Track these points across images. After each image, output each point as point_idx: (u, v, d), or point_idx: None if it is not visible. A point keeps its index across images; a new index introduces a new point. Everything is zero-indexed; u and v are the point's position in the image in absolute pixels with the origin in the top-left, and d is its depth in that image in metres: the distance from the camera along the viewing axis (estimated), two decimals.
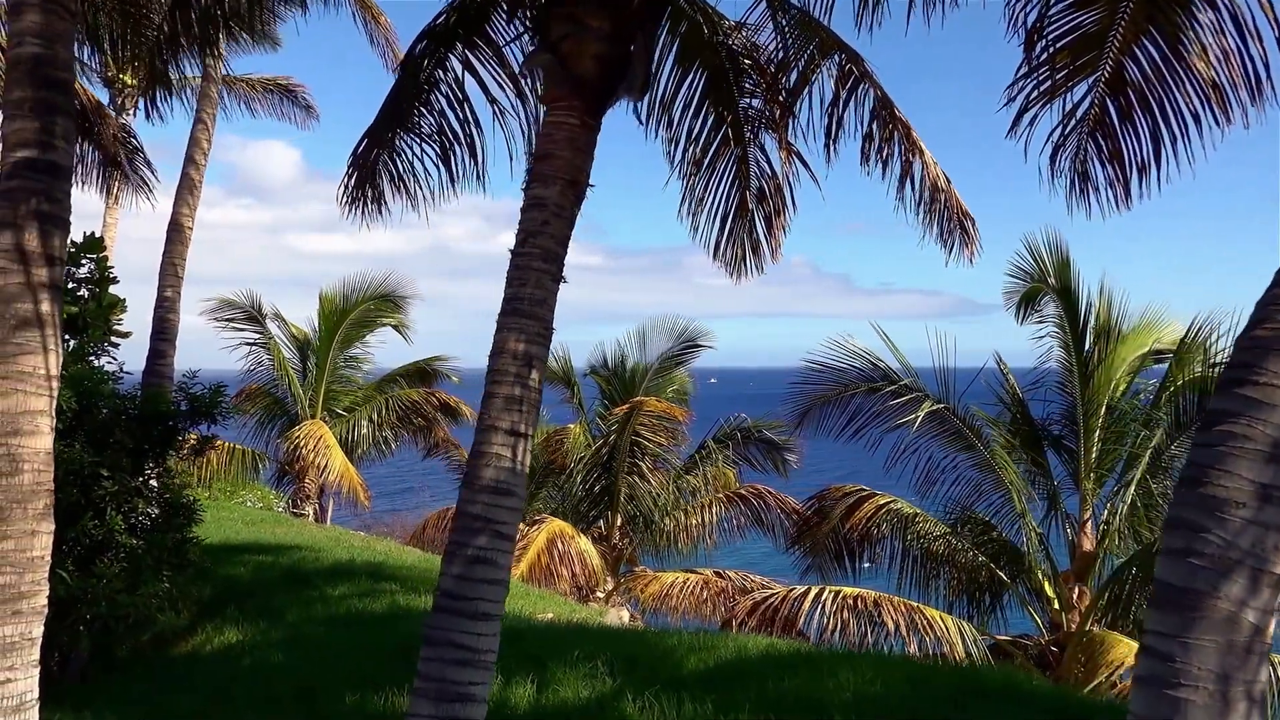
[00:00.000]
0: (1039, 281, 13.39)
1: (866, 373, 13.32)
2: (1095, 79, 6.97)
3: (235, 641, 8.60)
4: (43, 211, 4.93)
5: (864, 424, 13.45)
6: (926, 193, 8.17)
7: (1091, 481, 12.64)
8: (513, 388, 4.92)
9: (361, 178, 7.62)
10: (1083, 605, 12.31)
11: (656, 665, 6.90)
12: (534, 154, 5.37)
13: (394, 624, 8.84)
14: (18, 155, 4.91)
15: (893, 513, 13.61)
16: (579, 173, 5.31)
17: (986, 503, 13.24)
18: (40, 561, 4.84)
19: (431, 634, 4.72)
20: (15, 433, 4.76)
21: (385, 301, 20.33)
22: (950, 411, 12.96)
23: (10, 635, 4.69)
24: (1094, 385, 12.74)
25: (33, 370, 4.83)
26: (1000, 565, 13.16)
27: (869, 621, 11.82)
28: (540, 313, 5.06)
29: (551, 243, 5.16)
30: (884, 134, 7.99)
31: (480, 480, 4.84)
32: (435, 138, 7.67)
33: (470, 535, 4.74)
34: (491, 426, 4.88)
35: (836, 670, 6.66)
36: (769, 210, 8.97)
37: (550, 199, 5.18)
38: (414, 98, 7.48)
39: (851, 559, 14.30)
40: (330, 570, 11.28)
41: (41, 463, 4.87)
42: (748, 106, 8.49)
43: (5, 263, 4.85)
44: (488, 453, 4.84)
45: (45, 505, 4.88)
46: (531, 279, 5.07)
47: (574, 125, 5.30)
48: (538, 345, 5.01)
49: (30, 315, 4.84)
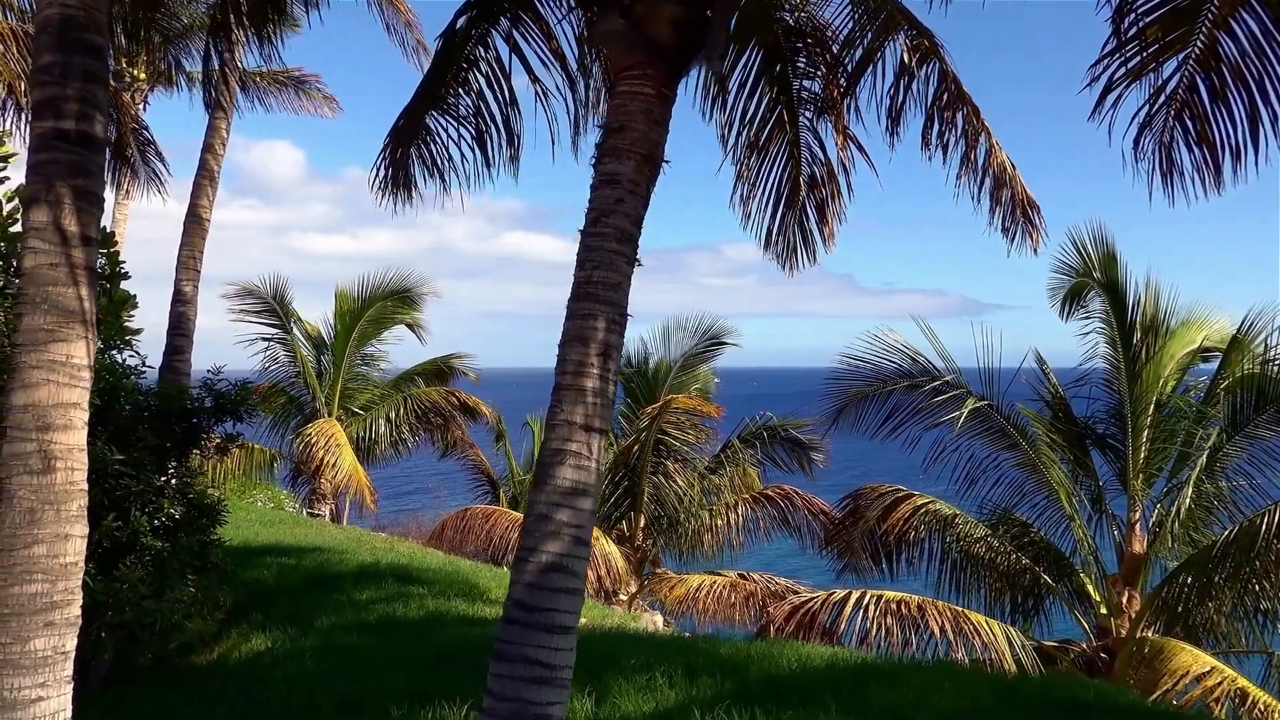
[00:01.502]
0: (1084, 276, 12.97)
1: (906, 368, 12.91)
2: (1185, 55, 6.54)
3: (263, 649, 8.20)
4: (76, 187, 4.52)
5: (902, 421, 13.04)
6: (990, 179, 7.79)
7: (1140, 481, 12.21)
8: (587, 379, 4.51)
9: (395, 160, 7.24)
10: (1132, 610, 11.89)
11: (717, 676, 6.49)
12: (605, 127, 4.96)
13: (429, 631, 8.45)
14: (48, 125, 4.50)
15: (931, 513, 13.19)
16: (655, 147, 4.91)
17: (1029, 504, 12.84)
18: (74, 568, 4.44)
19: (504, 648, 4.31)
20: (47, 427, 4.36)
21: (402, 299, 19.93)
22: (994, 409, 12.54)
23: (42, 649, 4.29)
24: (1143, 383, 12.31)
25: (65, 359, 4.43)
26: (1043, 568, 12.75)
27: (913, 627, 11.41)
28: (615, 298, 4.65)
29: (626, 222, 4.75)
30: (948, 116, 7.60)
31: (553, 480, 4.43)
32: (471, 119, 7.29)
33: (544, 541, 4.33)
34: (565, 422, 4.47)
35: (909, 681, 6.25)
36: (820, 198, 8.59)
37: (625, 175, 4.77)
38: (452, 75, 7.10)
39: (888, 561, 13.88)
40: (356, 573, 10.88)
41: (75, 460, 4.47)
42: (802, 88, 8.11)
43: (36, 242, 4.45)
44: (561, 450, 4.43)
45: (79, 507, 4.48)
46: (604, 261, 4.67)
47: (649, 95, 4.89)
48: (613, 333, 4.61)
49: (63, 299, 4.43)
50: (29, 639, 4.25)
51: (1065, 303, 13.44)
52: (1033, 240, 7.97)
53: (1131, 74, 6.51)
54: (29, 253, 4.47)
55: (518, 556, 4.44)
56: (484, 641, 7.95)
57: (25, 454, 4.32)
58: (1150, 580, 12.26)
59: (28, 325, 4.40)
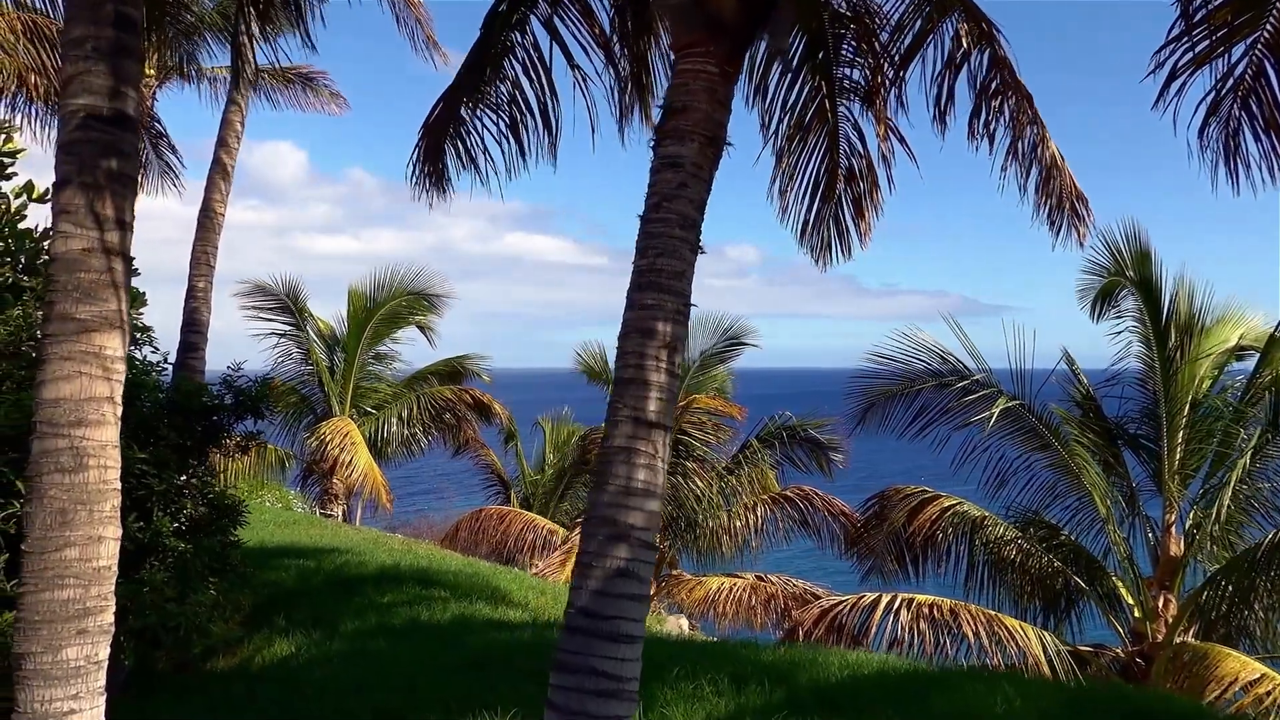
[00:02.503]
0: (1117, 275, 12.70)
1: (935, 367, 12.63)
2: (1254, 39, 6.28)
3: (288, 654, 7.94)
4: (109, 168, 4.27)
5: (930, 421, 12.77)
6: (1039, 170, 7.55)
7: (1176, 483, 11.93)
8: (651, 373, 4.25)
9: (429, 153, 7.01)
10: (1169, 614, 11.61)
11: (765, 684, 6.23)
12: (666, 107, 4.70)
13: (458, 636, 8.19)
14: (80, 102, 4.25)
15: (959, 515, 12.91)
16: (718, 128, 4.66)
17: (1062, 505, 12.56)
18: (107, 572, 4.18)
19: (567, 659, 4.04)
20: (79, 423, 4.10)
21: (417, 299, 19.66)
22: (1026, 409, 12.27)
23: (74, 658, 4.03)
24: (1179, 382, 12.04)
25: (98, 350, 4.18)
26: (1074, 571, 12.48)
27: (946, 631, 11.13)
28: (678, 286, 4.40)
29: (689, 207, 4.50)
30: (996, 104, 7.36)
31: (617, 481, 4.17)
32: (505, 107, 7.04)
33: (608, 545, 4.07)
34: (629, 418, 4.21)
35: (967, 689, 5.99)
36: (858, 192, 8.34)
37: (687, 158, 4.52)
38: (489, 63, 6.85)
39: (914, 563, 13.60)
40: (376, 576, 10.63)
41: (108, 458, 4.21)
42: (843, 77, 7.86)
43: (68, 225, 4.19)
44: (626, 449, 4.17)
45: (112, 507, 4.22)
46: (668, 248, 4.41)
47: (712, 74, 4.64)
48: (678, 324, 4.35)
49: (96, 286, 4.18)
50: (61, 648, 3.99)
51: (1096, 303, 13.18)
52: (1079, 234, 7.74)
53: (1198, 60, 6.25)
54: (60, 237, 4.21)
55: (579, 561, 4.18)
56: (516, 647, 7.70)
57: (56, 451, 4.06)
58: (1185, 584, 11.99)
59: (58, 314, 4.15)
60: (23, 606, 4.03)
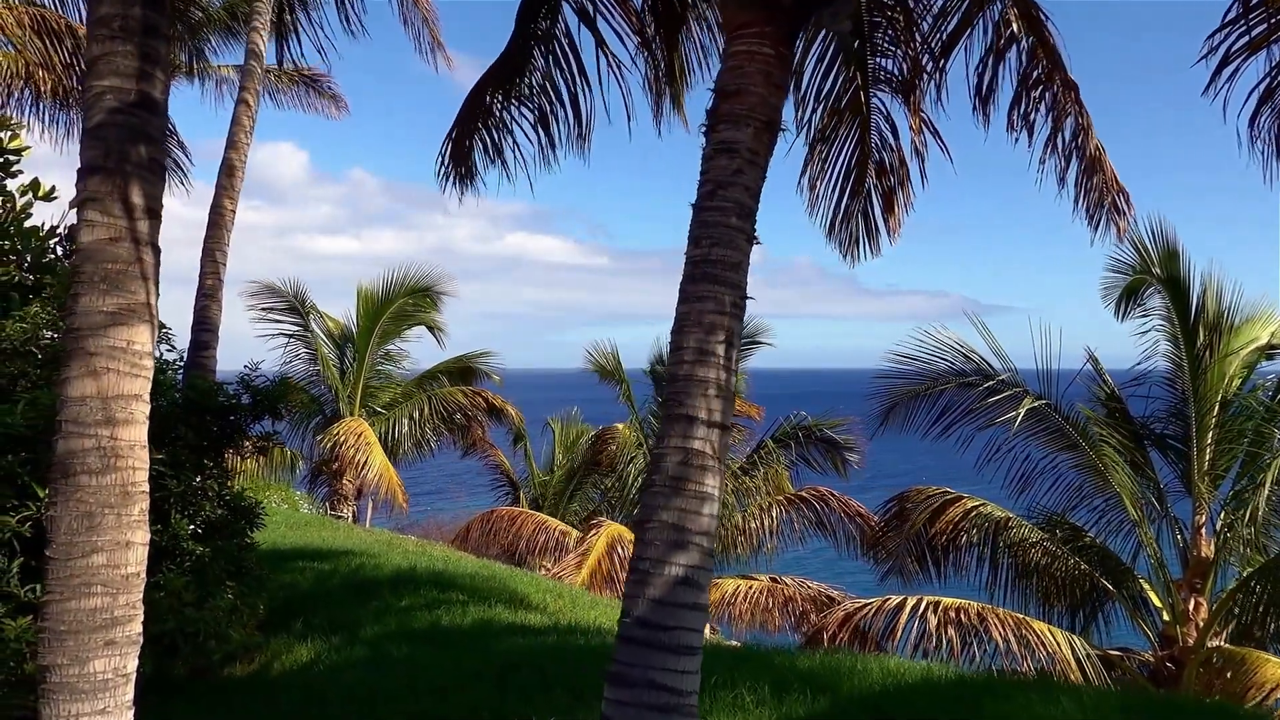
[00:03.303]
0: (1142, 273, 12.47)
1: (959, 367, 12.42)
2: None
3: (308, 660, 7.72)
4: (138, 154, 4.05)
5: (953, 421, 12.56)
6: (1080, 162, 7.35)
7: (1206, 484, 11.71)
8: (709, 369, 4.03)
9: (458, 149, 6.81)
10: (1199, 618, 11.39)
11: (808, 693, 6.01)
12: (718, 90, 4.48)
13: (484, 641, 7.97)
14: (106, 84, 4.03)
15: (983, 516, 12.70)
16: (774, 112, 4.44)
17: (1089, 507, 12.35)
18: (135, 580, 3.96)
19: (624, 672, 3.82)
20: (108, 421, 3.88)
21: (422, 297, 19.45)
22: (1052, 408, 12.06)
23: (102, 671, 3.81)
24: (1208, 381, 11.82)
25: (126, 345, 3.96)
26: (1100, 573, 12.26)
27: (974, 636, 10.92)
28: (735, 278, 4.18)
29: (745, 195, 4.28)
30: (1037, 94, 7.15)
31: (675, 484, 3.94)
32: (534, 98, 6.83)
33: (668, 551, 3.84)
34: (685, 416, 3.98)
35: (1017, 698, 5.76)
36: (888, 186, 8.13)
37: (743, 143, 4.30)
38: (520, 52, 6.65)
39: (936, 565, 13.37)
40: (393, 579, 10.41)
41: (137, 459, 3.99)
42: (878, 67, 7.65)
43: (94, 214, 3.97)
44: (684, 449, 3.95)
45: (141, 510, 4.00)
46: (723, 237, 4.19)
47: (767, 56, 4.42)
48: (735, 317, 4.13)
49: (124, 278, 3.96)
50: (88, 660, 3.77)
51: (1121, 301, 12.94)
52: (1119, 228, 7.53)
53: (1253, 44, 6.04)
54: (86, 226, 3.99)
55: (635, 569, 3.95)
56: (543, 653, 7.48)
57: (83, 451, 3.84)
58: (1215, 586, 11.77)
59: (85, 307, 3.93)
60: (47, 616, 3.81)
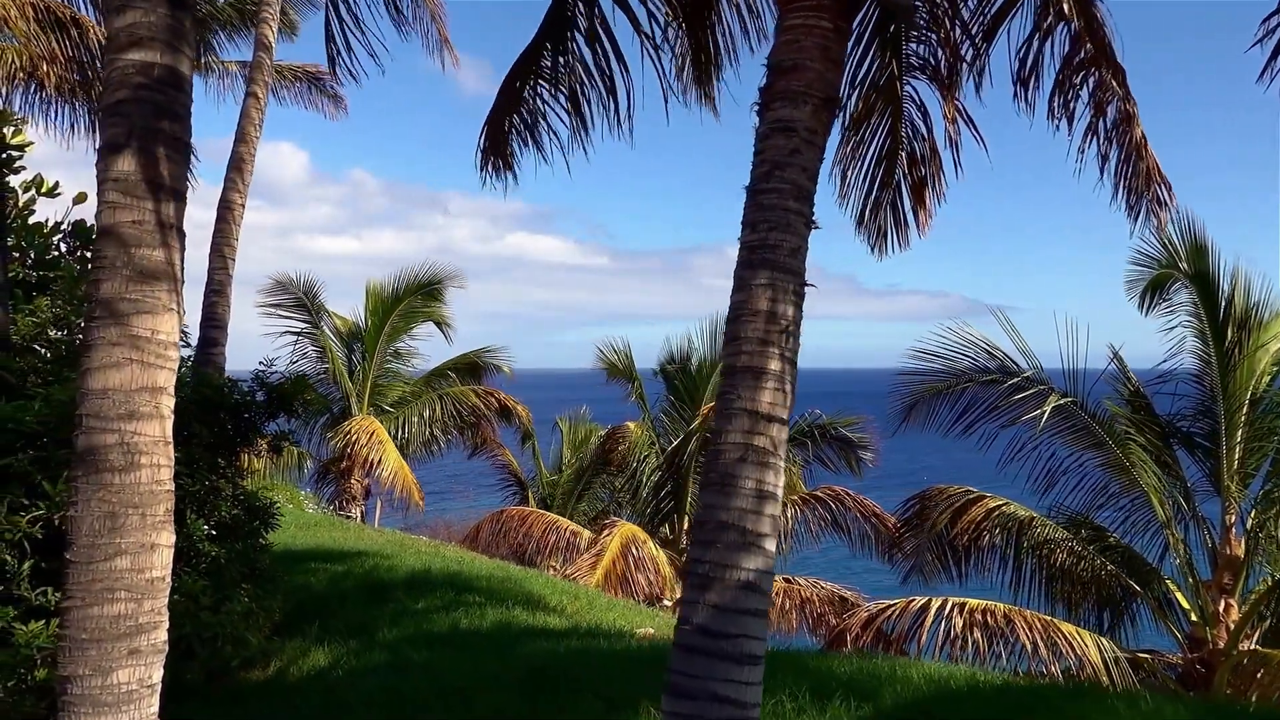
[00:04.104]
0: (1169, 267, 12.23)
1: (982, 364, 12.19)
2: None
3: (326, 665, 7.49)
4: (162, 131, 3.82)
5: (977, 418, 12.34)
6: (1121, 150, 7.12)
7: (1236, 483, 11.48)
8: (769, 360, 3.79)
9: (494, 137, 6.60)
10: (1230, 619, 11.15)
11: (850, 700, 5.78)
12: (773, 65, 4.25)
13: (504, 645, 7.74)
14: (130, 58, 3.79)
15: (1006, 516, 12.47)
16: (832, 89, 4.21)
17: (1115, 506, 12.12)
18: (160, 584, 3.73)
19: (684, 683, 3.59)
20: (131, 416, 3.64)
21: (430, 293, 19.21)
22: (1078, 406, 11.83)
23: (126, 682, 3.57)
24: (1237, 378, 11.58)
25: (151, 335, 3.72)
26: (1127, 574, 12.04)
27: (1001, 638, 10.68)
28: (794, 264, 3.94)
29: (803, 176, 4.04)
30: (1079, 80, 6.92)
31: (737, 482, 3.71)
32: (565, 78, 6.60)
33: (731, 555, 3.61)
34: (745, 411, 3.75)
35: (1069, 710, 5.53)
36: (919, 177, 7.90)
37: (801, 122, 4.06)
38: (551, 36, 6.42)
39: (957, 565, 13.14)
40: (407, 580, 10.18)
41: (161, 456, 3.76)
42: (912, 53, 7.42)
43: (116, 195, 3.73)
44: (745, 445, 3.72)
45: (166, 510, 3.78)
46: (781, 221, 3.96)
47: (826, 29, 4.19)
48: (795, 306, 3.89)
49: (149, 263, 3.73)
50: (111, 670, 3.55)
51: (1146, 295, 12.70)
52: (1160, 220, 7.30)
53: None
54: (107, 208, 3.76)
55: (694, 573, 3.72)
56: (567, 657, 7.25)
57: (105, 448, 3.61)
58: (1245, 587, 11.54)
59: (106, 294, 3.69)
60: (67, 623, 3.58)
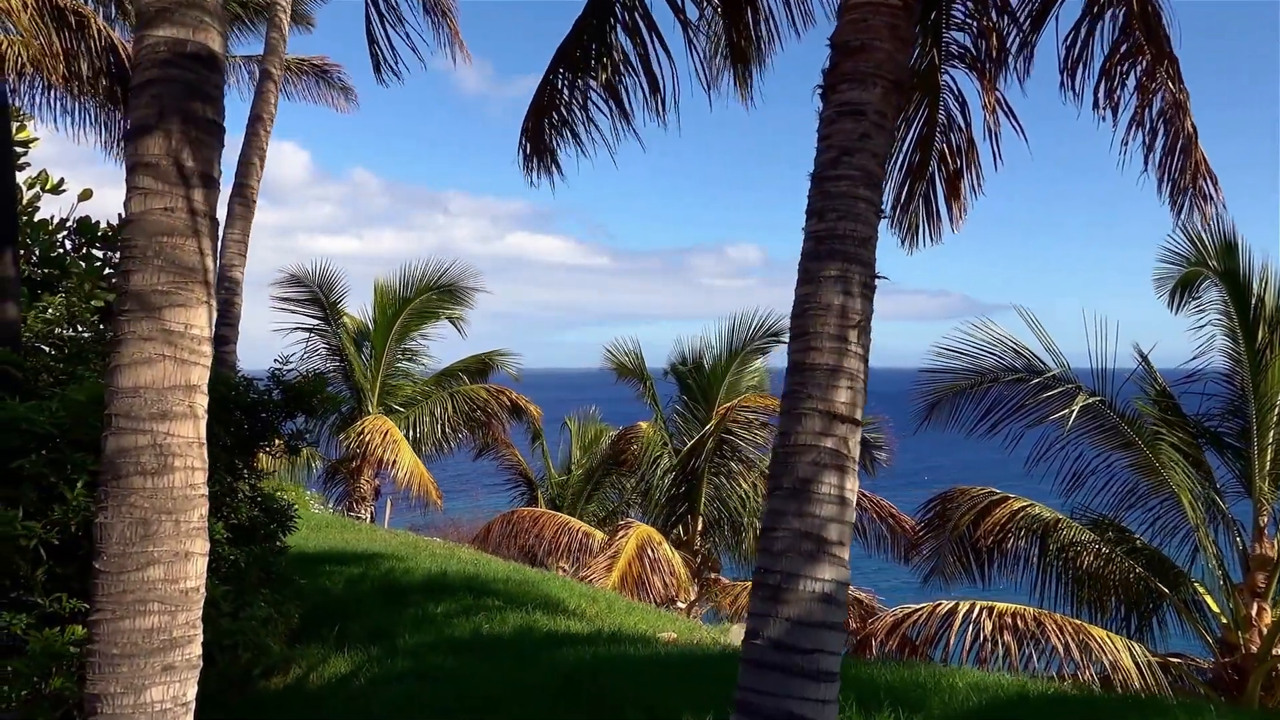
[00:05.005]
0: (1198, 265, 12.01)
1: (1008, 362, 11.96)
2: None
3: (347, 672, 7.26)
4: (195, 113, 3.59)
5: (1002, 417, 12.11)
6: (1166, 140, 6.91)
7: (1267, 484, 11.25)
8: (842, 357, 3.57)
9: (534, 132, 6.40)
10: (1263, 624, 10.93)
11: (898, 711, 5.56)
12: (839, 45, 4.02)
13: (529, 651, 7.53)
14: (159, 34, 3.56)
15: (1031, 518, 12.25)
16: (902, 70, 3.99)
17: (1144, 507, 11.89)
18: (195, 595, 3.51)
19: (756, 701, 3.36)
20: (163, 416, 3.42)
21: (447, 293, 18.97)
22: (1106, 405, 11.60)
23: (159, 700, 3.35)
24: (1270, 377, 11.35)
25: (184, 329, 3.50)
26: (1155, 577, 11.81)
27: (1032, 643, 10.45)
28: (865, 255, 3.72)
29: (873, 162, 3.82)
30: (1124, 68, 6.72)
31: (810, 487, 3.49)
32: (601, 70, 6.39)
33: (806, 564, 3.38)
34: (817, 411, 3.52)
35: (1130, 716, 5.31)
36: (953, 169, 7.69)
37: (870, 104, 3.84)
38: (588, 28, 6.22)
39: (980, 568, 12.92)
40: (424, 584, 9.96)
41: (195, 458, 3.54)
42: (952, 40, 7.21)
43: (147, 181, 3.50)
44: (816, 448, 3.49)
45: (200, 516, 3.55)
46: (850, 209, 3.73)
47: (895, 7, 3.96)
48: (865, 299, 3.66)
49: (182, 253, 3.50)
50: (144, 687, 3.32)
51: (1175, 293, 12.48)
52: (1204, 214, 7.10)
53: None
54: (137, 195, 3.53)
55: (765, 583, 3.49)
56: (597, 664, 7.03)
57: (136, 449, 3.39)
58: (1276, 590, 11.31)
59: (137, 286, 3.47)
60: (97, 637, 3.35)
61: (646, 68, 6.25)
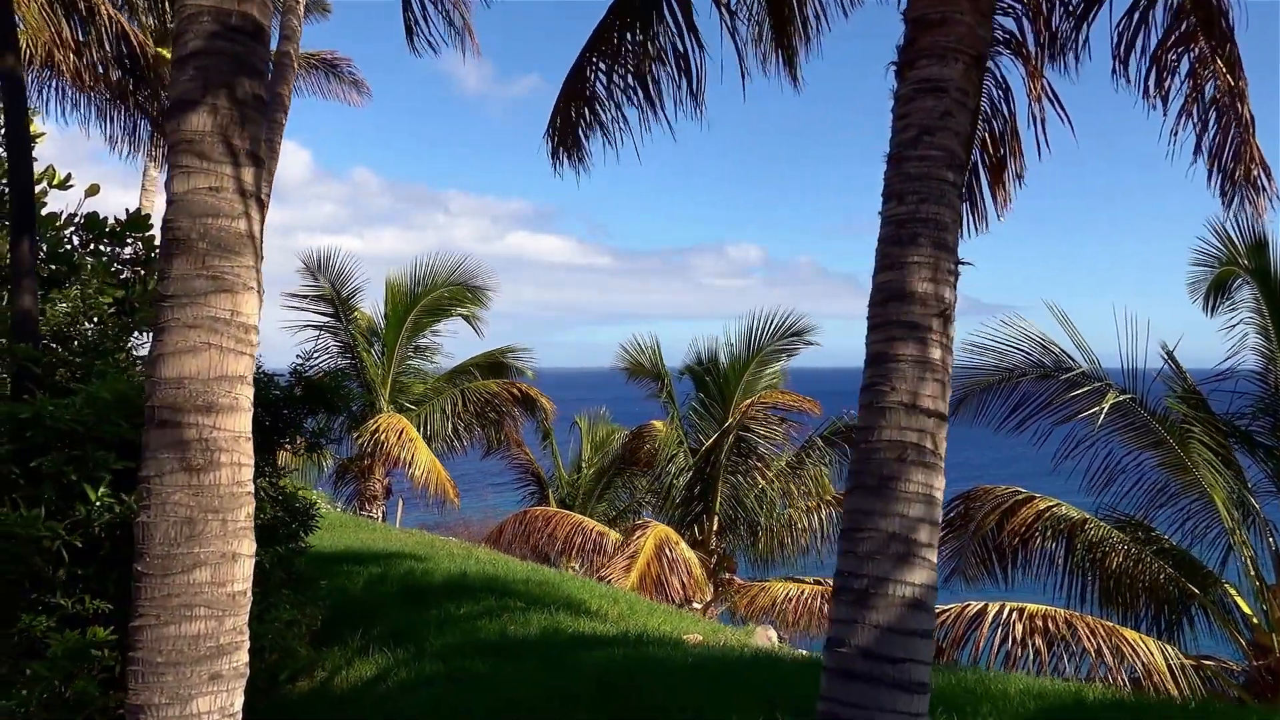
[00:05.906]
0: (1230, 264, 11.84)
1: (1036, 358, 11.76)
2: None
3: (374, 675, 7.07)
4: (241, 89, 3.38)
5: (1030, 414, 11.90)
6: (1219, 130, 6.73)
7: None
8: (927, 347, 3.36)
9: (564, 122, 6.21)
10: None
11: (950, 714, 5.35)
12: (915, 19, 3.81)
13: (557, 653, 7.32)
14: (206, 4, 3.35)
15: (1057, 518, 12.04)
16: (984, 46, 3.78)
17: (1174, 507, 11.68)
18: (242, 599, 3.31)
19: (839, 712, 3.16)
20: (209, 409, 3.21)
21: (461, 290, 18.74)
22: (1137, 403, 11.39)
23: (208, 711, 3.14)
24: None
25: (231, 316, 3.29)
26: (1184, 577, 11.61)
27: (1063, 645, 10.25)
28: (948, 240, 3.51)
29: (955, 142, 3.61)
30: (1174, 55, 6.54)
31: (896, 485, 3.28)
32: (632, 60, 6.20)
33: (892, 567, 3.17)
34: (901, 405, 3.31)
35: None
36: (997, 157, 7.47)
37: (952, 81, 3.63)
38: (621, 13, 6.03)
39: (1004, 568, 12.70)
40: (445, 585, 9.77)
41: (242, 453, 3.33)
42: (998, 25, 7.00)
43: (191, 160, 3.30)
44: (901, 444, 3.28)
45: (247, 515, 3.35)
46: (933, 192, 3.52)
47: None
48: (949, 287, 3.45)
49: (228, 236, 3.29)
50: (191, 698, 3.11)
51: (1209, 295, 12.32)
52: (1258, 207, 6.92)
53: None
54: (180, 174, 3.32)
55: (849, 587, 3.28)
56: (632, 667, 6.82)
57: (181, 444, 3.18)
58: None
59: (180, 272, 3.26)
60: (140, 644, 3.15)
61: (680, 56, 6.04)
